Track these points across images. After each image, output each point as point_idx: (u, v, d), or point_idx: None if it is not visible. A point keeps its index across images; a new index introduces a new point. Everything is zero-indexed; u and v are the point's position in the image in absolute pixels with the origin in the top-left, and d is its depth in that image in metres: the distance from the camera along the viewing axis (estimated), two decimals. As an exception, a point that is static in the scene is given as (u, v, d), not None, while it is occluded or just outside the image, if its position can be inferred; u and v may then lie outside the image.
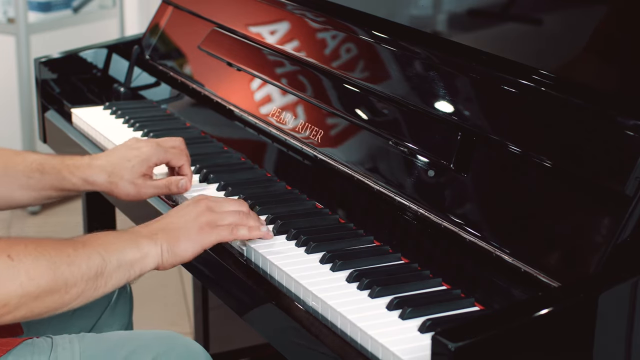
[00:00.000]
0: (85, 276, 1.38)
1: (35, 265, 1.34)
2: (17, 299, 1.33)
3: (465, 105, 1.54)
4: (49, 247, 1.37)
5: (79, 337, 1.53)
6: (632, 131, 1.29)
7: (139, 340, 1.54)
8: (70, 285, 1.37)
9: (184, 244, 1.48)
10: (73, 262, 1.37)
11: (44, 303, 1.36)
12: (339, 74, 1.78)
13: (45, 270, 1.34)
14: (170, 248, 1.47)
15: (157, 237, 1.47)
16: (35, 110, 3.41)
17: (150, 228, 1.49)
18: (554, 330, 1.16)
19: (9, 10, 3.93)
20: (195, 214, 1.51)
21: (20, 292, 1.32)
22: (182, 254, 1.49)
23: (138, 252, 1.44)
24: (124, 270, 1.43)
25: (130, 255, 1.43)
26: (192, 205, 1.53)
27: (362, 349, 1.29)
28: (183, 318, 3.30)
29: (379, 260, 1.50)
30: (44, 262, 1.35)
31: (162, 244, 1.47)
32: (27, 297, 1.33)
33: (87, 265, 1.38)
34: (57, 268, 1.35)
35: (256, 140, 1.95)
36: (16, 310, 1.34)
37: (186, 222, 1.50)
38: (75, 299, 1.39)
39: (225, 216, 1.52)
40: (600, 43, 1.43)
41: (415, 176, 1.56)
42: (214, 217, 1.51)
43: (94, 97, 2.39)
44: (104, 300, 1.84)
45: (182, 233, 1.48)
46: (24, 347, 1.47)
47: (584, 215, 1.31)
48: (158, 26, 2.41)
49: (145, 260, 1.45)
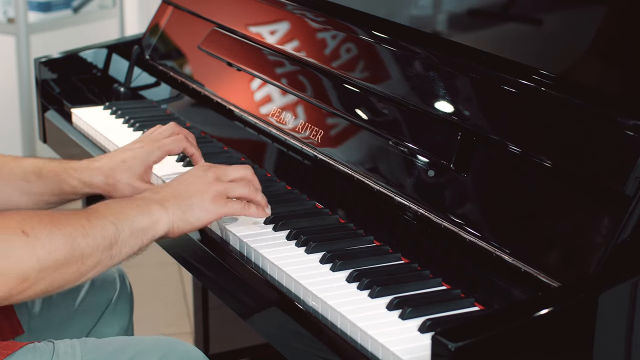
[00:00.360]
0: (101, 246, 1.39)
1: (51, 239, 1.34)
2: (36, 274, 1.33)
3: (465, 105, 1.54)
4: (64, 220, 1.38)
5: (80, 341, 1.53)
6: (632, 131, 1.29)
7: (140, 346, 1.54)
8: (86, 256, 1.38)
9: (197, 212, 1.50)
10: (88, 233, 1.38)
11: (63, 275, 1.37)
12: (339, 74, 1.78)
13: (62, 243, 1.35)
14: (182, 215, 1.49)
15: (168, 204, 1.48)
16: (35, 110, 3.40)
17: (161, 195, 1.50)
18: (554, 330, 1.16)
19: (9, 10, 3.93)
20: (205, 183, 1.53)
21: (39, 266, 1.33)
22: (195, 222, 1.50)
23: (149, 218, 1.46)
24: (136, 237, 1.44)
25: (142, 222, 1.45)
26: (200, 173, 1.55)
27: (362, 349, 1.29)
28: (183, 318, 3.30)
29: (379, 260, 1.50)
30: (60, 235, 1.36)
31: (173, 211, 1.48)
32: (46, 271, 1.34)
33: (101, 235, 1.40)
34: (74, 240, 1.36)
35: (256, 140, 1.95)
36: (36, 284, 1.34)
37: (198, 191, 1.51)
38: (92, 268, 1.40)
39: (234, 187, 1.54)
40: (600, 43, 1.43)
41: (415, 176, 1.56)
42: (224, 187, 1.53)
43: (94, 97, 2.39)
44: (105, 300, 1.84)
45: (195, 202, 1.50)
46: (25, 351, 1.47)
47: (584, 215, 1.31)
48: (158, 26, 2.41)
49: (156, 226, 1.47)
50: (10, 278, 1.31)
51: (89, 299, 1.81)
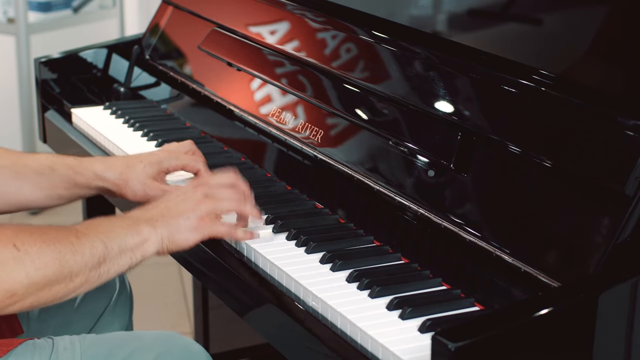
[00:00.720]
0: (90, 264, 1.39)
1: (41, 255, 1.35)
2: (24, 289, 1.33)
3: (465, 105, 1.54)
4: (53, 236, 1.38)
5: (79, 337, 1.53)
6: (632, 131, 1.29)
7: (140, 341, 1.54)
8: (74, 274, 1.38)
9: (184, 233, 1.50)
10: (77, 250, 1.38)
11: (50, 292, 1.37)
12: (339, 74, 1.78)
13: (51, 260, 1.35)
14: (170, 236, 1.49)
15: (156, 224, 1.48)
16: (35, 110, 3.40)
17: (150, 214, 1.51)
18: (554, 330, 1.16)
19: (9, 10, 3.93)
20: (193, 202, 1.52)
21: (27, 282, 1.33)
22: (182, 243, 1.50)
23: (138, 237, 1.46)
24: (125, 256, 1.44)
25: (131, 241, 1.45)
26: (190, 192, 1.54)
27: (362, 349, 1.29)
28: (183, 318, 3.30)
29: (379, 260, 1.50)
30: (49, 252, 1.36)
31: (162, 232, 1.48)
32: (34, 287, 1.34)
33: (90, 253, 1.39)
34: (62, 257, 1.36)
35: (256, 140, 1.95)
36: (23, 299, 1.34)
37: (186, 210, 1.51)
38: (80, 286, 1.40)
39: (223, 204, 1.54)
40: (600, 43, 1.43)
41: (415, 176, 1.56)
42: (212, 206, 1.53)
43: (94, 97, 2.39)
44: (105, 300, 1.84)
45: (182, 222, 1.50)
46: (24, 348, 1.47)
47: (584, 215, 1.31)
48: (158, 26, 2.41)
49: (145, 245, 1.46)
50: None
51: (88, 300, 1.81)
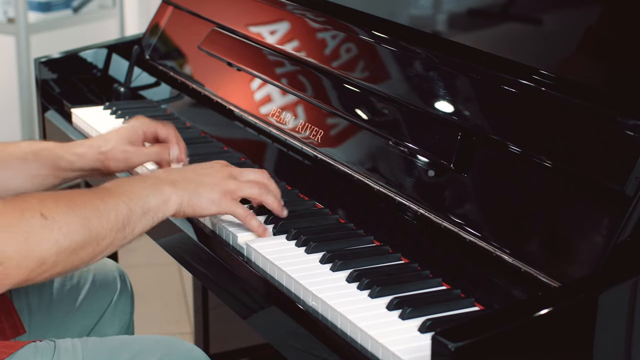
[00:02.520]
0: (115, 227, 1.42)
1: (68, 222, 1.36)
2: (54, 257, 1.35)
3: (465, 105, 1.54)
4: (79, 201, 1.40)
5: (81, 340, 1.53)
6: (632, 131, 1.29)
7: (141, 345, 1.54)
8: (101, 237, 1.40)
9: (204, 202, 1.52)
10: (102, 214, 1.40)
11: (79, 256, 1.39)
12: (339, 74, 1.78)
13: (79, 225, 1.37)
14: (190, 200, 1.51)
15: (179, 185, 1.51)
16: (35, 110, 3.40)
17: (172, 176, 1.53)
18: (554, 330, 1.16)
19: (9, 10, 3.93)
20: (219, 177, 1.55)
21: (56, 249, 1.35)
22: (200, 210, 1.53)
23: (161, 197, 1.48)
24: (148, 216, 1.47)
25: (153, 201, 1.47)
26: (216, 167, 1.58)
27: (362, 349, 1.29)
28: (183, 318, 3.30)
29: (379, 260, 1.50)
30: (76, 217, 1.37)
31: (182, 193, 1.50)
32: (63, 254, 1.36)
33: (115, 216, 1.42)
34: (89, 222, 1.38)
35: (256, 140, 1.95)
36: (53, 267, 1.36)
37: (211, 182, 1.53)
38: (106, 248, 1.42)
39: (246, 187, 1.56)
40: (600, 43, 1.43)
41: (415, 176, 1.56)
42: (236, 186, 1.55)
43: (94, 97, 2.39)
44: (106, 300, 1.84)
45: (205, 191, 1.52)
46: (27, 350, 1.47)
47: (584, 215, 1.31)
48: (158, 26, 2.41)
49: (167, 205, 1.49)
50: (30, 261, 1.33)
51: (89, 299, 1.82)
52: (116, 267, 1.91)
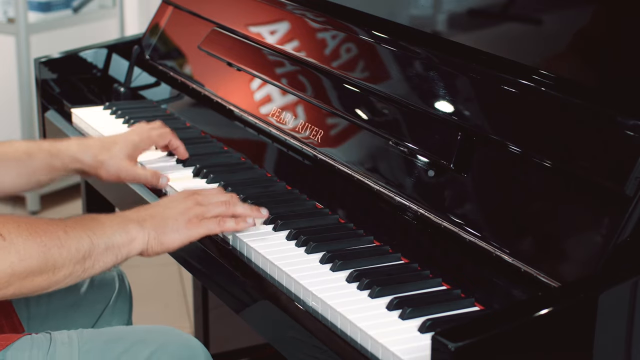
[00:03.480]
0: (74, 259, 1.42)
1: (26, 246, 1.37)
2: (7, 278, 1.36)
3: (465, 105, 1.54)
4: (41, 229, 1.40)
5: (77, 332, 1.54)
6: (632, 131, 1.29)
7: (137, 335, 1.54)
8: (58, 267, 1.41)
9: (171, 234, 1.52)
10: (63, 245, 1.41)
11: (33, 283, 1.39)
12: (339, 74, 1.78)
13: (36, 252, 1.38)
14: (157, 236, 1.51)
15: (145, 224, 1.51)
16: (35, 110, 3.40)
17: (139, 214, 1.53)
18: (554, 330, 1.16)
19: (9, 10, 3.93)
20: (184, 207, 1.55)
21: (10, 271, 1.36)
22: (168, 244, 1.52)
23: (126, 236, 1.48)
24: (111, 253, 1.47)
25: (118, 239, 1.47)
26: (181, 198, 1.57)
27: (362, 349, 1.29)
28: (183, 318, 3.30)
29: (379, 260, 1.50)
30: (35, 244, 1.38)
31: (149, 232, 1.51)
32: (16, 277, 1.37)
33: (76, 248, 1.42)
34: (48, 250, 1.39)
35: (256, 140, 1.95)
36: (5, 288, 1.37)
37: (175, 214, 1.54)
38: (64, 279, 1.43)
39: (211, 208, 1.56)
40: (600, 43, 1.43)
41: (415, 176, 1.56)
42: (202, 210, 1.55)
43: (94, 97, 2.39)
44: (104, 300, 1.84)
45: (170, 224, 1.52)
46: (23, 342, 1.48)
47: (584, 215, 1.31)
48: (158, 26, 2.41)
49: (132, 244, 1.49)
50: None
51: (87, 299, 1.81)
52: (115, 267, 1.90)
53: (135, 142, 1.83)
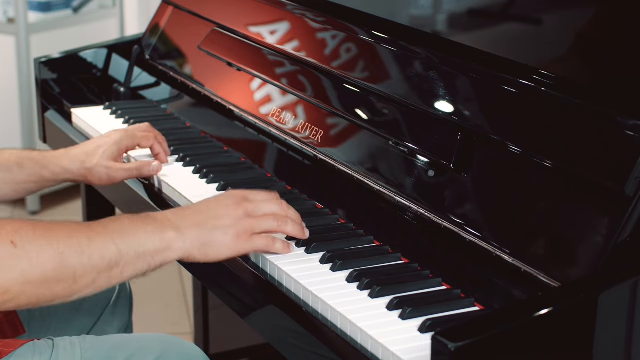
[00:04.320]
0: (98, 267, 1.34)
1: (39, 253, 1.30)
2: (18, 286, 1.29)
3: (465, 105, 1.54)
4: (60, 235, 1.33)
5: (80, 339, 1.53)
6: (632, 131, 1.29)
7: (139, 343, 1.54)
8: (79, 276, 1.33)
9: (219, 248, 1.44)
10: (84, 252, 1.33)
11: (50, 291, 1.32)
12: (339, 74, 1.78)
13: (50, 259, 1.31)
14: (201, 247, 1.42)
15: (187, 232, 1.42)
16: (35, 110, 3.40)
17: (183, 221, 1.43)
18: (554, 330, 1.16)
19: (9, 10, 3.93)
20: (234, 219, 1.45)
21: (22, 279, 1.29)
22: (214, 257, 1.44)
23: (160, 243, 1.39)
24: (143, 260, 1.38)
25: (151, 245, 1.39)
26: (231, 205, 1.47)
27: (362, 349, 1.29)
28: (183, 318, 3.30)
29: (379, 260, 1.50)
30: (50, 250, 1.31)
31: (192, 242, 1.41)
32: (29, 285, 1.30)
33: (100, 255, 1.34)
34: (65, 258, 1.32)
35: (256, 140, 1.95)
36: (18, 297, 1.30)
37: (224, 226, 1.44)
38: (86, 288, 1.35)
39: (262, 222, 1.47)
40: (600, 43, 1.43)
41: (415, 176, 1.56)
42: (252, 224, 1.46)
43: (94, 97, 2.39)
44: (104, 300, 1.84)
45: (218, 237, 1.43)
46: (25, 349, 1.48)
47: (584, 215, 1.31)
48: (158, 26, 2.41)
49: (168, 252, 1.40)
50: None
51: (88, 299, 1.81)
52: None
53: (117, 139, 1.82)
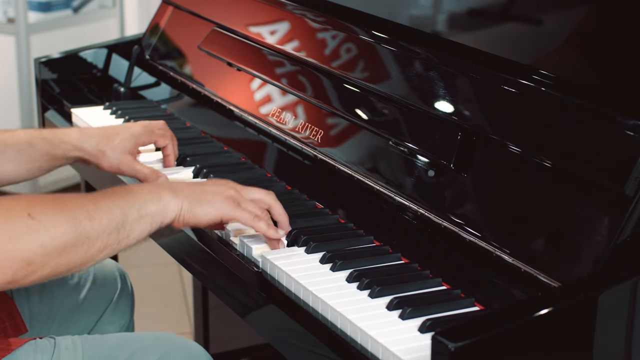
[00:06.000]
0: (107, 229, 1.38)
1: (55, 223, 1.33)
2: (40, 257, 1.32)
3: (465, 105, 1.54)
4: (69, 203, 1.37)
5: (81, 338, 1.54)
6: (632, 131, 1.29)
7: (141, 342, 1.54)
8: (93, 240, 1.37)
9: (206, 207, 1.49)
10: (93, 216, 1.37)
11: (69, 259, 1.35)
12: (339, 74, 1.78)
13: (66, 226, 1.34)
14: (191, 207, 1.48)
15: (179, 192, 1.48)
16: (35, 110, 3.40)
17: (174, 184, 1.51)
18: (554, 330, 1.16)
19: (9, 10, 3.93)
20: (223, 188, 1.52)
21: (42, 250, 1.32)
22: (201, 216, 1.49)
23: (158, 203, 1.45)
24: (145, 221, 1.43)
25: (151, 206, 1.44)
26: (220, 182, 1.55)
27: (362, 349, 1.29)
28: (183, 318, 3.30)
29: (379, 260, 1.50)
30: (65, 219, 1.34)
31: (183, 200, 1.47)
32: (51, 255, 1.33)
33: (107, 218, 1.38)
34: (78, 224, 1.35)
35: (256, 140, 1.95)
36: (41, 268, 1.33)
37: (213, 190, 1.51)
38: (100, 252, 1.39)
39: (249, 203, 1.53)
40: (600, 43, 1.43)
41: (415, 176, 1.56)
42: (238, 197, 1.52)
43: (94, 97, 2.39)
44: (106, 299, 1.85)
45: (206, 196, 1.49)
46: (27, 348, 1.48)
47: (584, 215, 1.31)
48: (158, 26, 2.41)
49: (165, 211, 1.45)
50: (15, 262, 1.30)
51: (90, 298, 1.82)
52: (117, 267, 1.91)
53: (136, 134, 1.81)
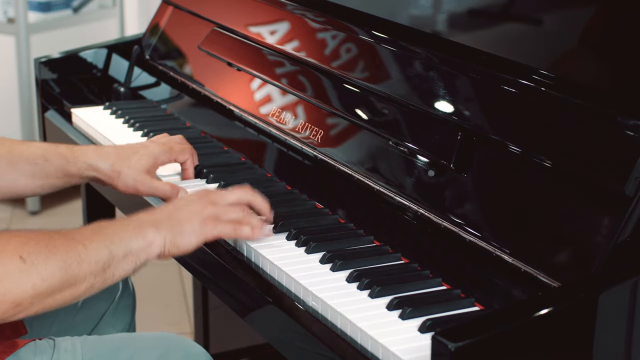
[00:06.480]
0: (95, 271, 1.39)
1: (47, 266, 1.35)
2: (30, 299, 1.34)
3: (465, 105, 1.54)
4: (60, 245, 1.38)
5: (81, 339, 1.54)
6: (632, 131, 1.29)
7: (140, 342, 1.54)
8: (79, 282, 1.38)
9: (187, 236, 1.48)
10: (82, 259, 1.38)
11: (55, 300, 1.37)
12: (339, 74, 1.78)
13: (57, 270, 1.36)
14: (173, 239, 1.48)
15: (161, 226, 1.47)
16: (35, 110, 3.40)
17: (155, 217, 1.49)
18: (554, 330, 1.16)
19: (9, 10, 3.93)
20: (199, 207, 1.51)
21: (33, 292, 1.34)
22: (183, 246, 1.49)
23: (143, 240, 1.45)
24: (130, 260, 1.44)
25: (136, 244, 1.44)
26: (196, 198, 1.54)
27: (362, 349, 1.29)
28: (183, 318, 3.30)
29: (379, 260, 1.50)
30: (55, 262, 1.36)
31: (166, 234, 1.47)
32: (39, 297, 1.35)
33: (95, 260, 1.39)
34: (68, 267, 1.37)
35: (256, 140, 1.95)
36: (29, 308, 1.35)
37: (190, 214, 1.50)
38: (85, 292, 1.40)
39: (228, 211, 1.52)
40: (600, 43, 1.43)
41: (415, 176, 1.56)
42: (217, 211, 1.51)
43: (94, 97, 2.39)
44: (107, 300, 1.84)
45: (185, 225, 1.49)
46: (26, 349, 1.48)
47: (584, 215, 1.31)
48: (158, 26, 2.41)
49: (150, 248, 1.46)
50: (4, 303, 1.32)
51: (91, 298, 1.81)
52: None
53: (155, 153, 1.76)
